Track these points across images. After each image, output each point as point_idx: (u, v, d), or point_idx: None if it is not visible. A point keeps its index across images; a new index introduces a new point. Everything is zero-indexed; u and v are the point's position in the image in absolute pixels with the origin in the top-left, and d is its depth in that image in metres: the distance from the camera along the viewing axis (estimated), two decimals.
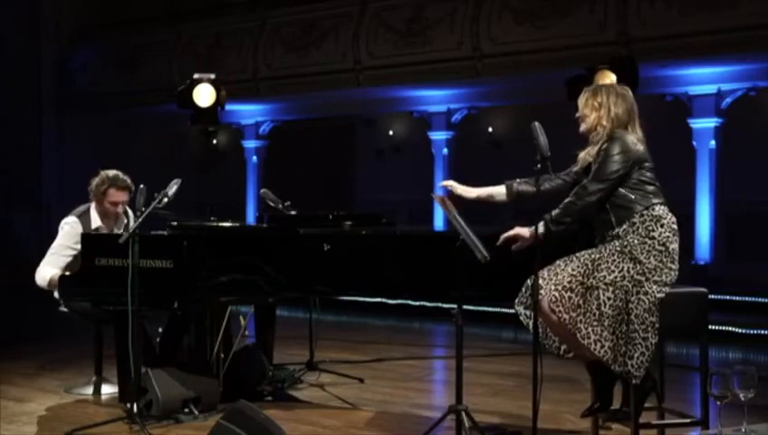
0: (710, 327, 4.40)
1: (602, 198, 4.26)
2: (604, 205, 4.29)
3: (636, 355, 4.09)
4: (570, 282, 4.12)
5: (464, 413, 4.65)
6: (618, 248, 4.20)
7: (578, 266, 4.17)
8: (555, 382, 4.45)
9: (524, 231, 4.32)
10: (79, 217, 6.14)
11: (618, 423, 4.57)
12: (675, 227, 4.27)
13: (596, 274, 4.14)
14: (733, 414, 3.43)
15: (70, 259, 5.99)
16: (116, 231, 6.14)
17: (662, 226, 4.22)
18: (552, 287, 4.16)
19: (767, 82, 10.98)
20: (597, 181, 4.26)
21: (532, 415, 4.25)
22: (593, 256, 4.21)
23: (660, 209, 4.25)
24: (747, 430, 3.33)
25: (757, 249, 11.58)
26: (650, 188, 4.28)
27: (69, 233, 6.05)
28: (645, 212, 4.23)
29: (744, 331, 8.90)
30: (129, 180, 6.12)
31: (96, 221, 6.14)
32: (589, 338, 4.09)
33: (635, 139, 4.33)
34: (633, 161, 4.27)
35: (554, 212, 4.28)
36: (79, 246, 5.81)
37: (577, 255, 4.27)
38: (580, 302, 4.11)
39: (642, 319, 4.10)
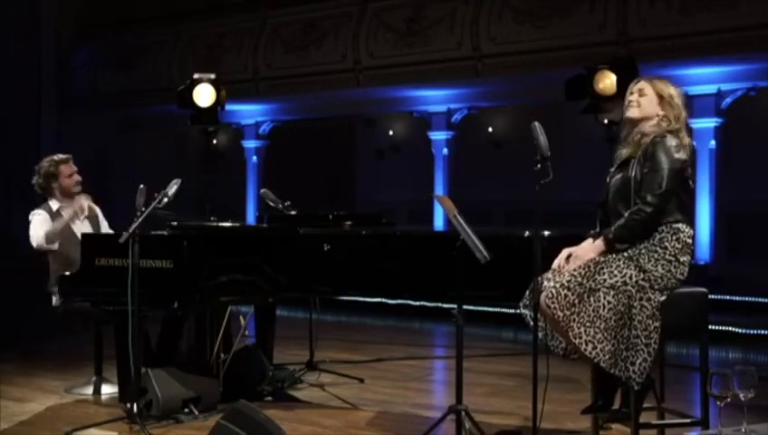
0: (710, 327, 4.39)
1: (657, 212, 4.18)
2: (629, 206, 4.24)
3: (638, 361, 4.07)
4: (569, 281, 4.12)
5: (464, 413, 4.65)
6: (625, 254, 4.18)
7: (580, 267, 4.17)
8: (555, 382, 4.43)
9: (589, 254, 4.23)
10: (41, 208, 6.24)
11: (618, 423, 4.58)
12: (690, 241, 4.23)
13: (596, 276, 4.12)
14: (733, 414, 3.42)
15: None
16: (78, 222, 6.21)
17: (677, 239, 4.19)
18: (552, 284, 4.16)
19: (767, 82, 10.98)
20: (652, 195, 4.15)
21: (531, 415, 4.26)
22: (597, 259, 4.20)
23: (681, 224, 4.22)
24: (747, 430, 3.33)
25: (757, 249, 11.57)
26: (679, 204, 4.22)
27: (40, 220, 6.14)
28: (665, 227, 4.20)
29: (744, 331, 8.90)
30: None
31: (55, 205, 6.25)
32: (580, 338, 4.08)
33: (683, 142, 4.23)
34: (680, 179, 4.20)
35: (616, 230, 4.20)
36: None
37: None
38: (575, 301, 4.09)
39: (645, 325, 4.08)
